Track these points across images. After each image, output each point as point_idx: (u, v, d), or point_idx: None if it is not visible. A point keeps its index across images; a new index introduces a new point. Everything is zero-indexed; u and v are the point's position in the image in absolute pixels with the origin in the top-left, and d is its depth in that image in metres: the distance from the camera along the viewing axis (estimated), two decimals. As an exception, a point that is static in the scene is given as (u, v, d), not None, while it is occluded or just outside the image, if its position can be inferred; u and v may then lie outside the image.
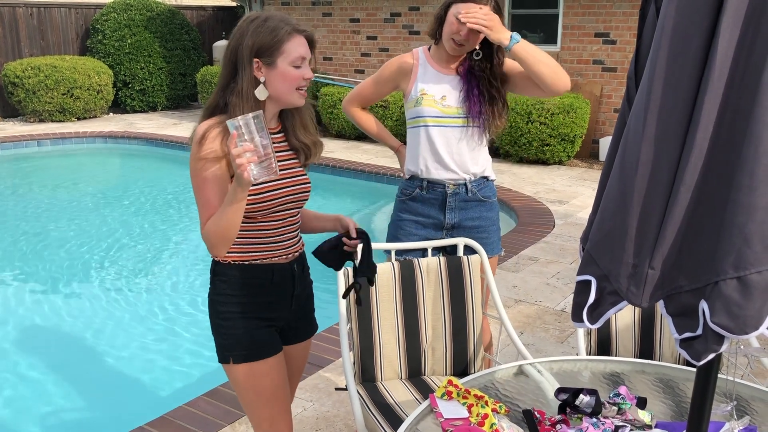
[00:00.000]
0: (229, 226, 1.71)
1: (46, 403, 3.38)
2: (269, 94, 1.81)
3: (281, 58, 1.77)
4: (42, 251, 5.60)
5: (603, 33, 8.67)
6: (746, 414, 1.70)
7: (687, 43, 0.98)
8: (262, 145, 1.59)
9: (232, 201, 1.67)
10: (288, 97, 1.82)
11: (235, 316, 1.87)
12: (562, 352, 3.60)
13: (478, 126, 2.46)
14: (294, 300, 1.98)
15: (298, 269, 1.98)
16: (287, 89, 1.80)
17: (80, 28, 12.34)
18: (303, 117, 1.94)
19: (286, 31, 1.77)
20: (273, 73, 1.78)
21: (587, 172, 8.06)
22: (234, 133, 1.58)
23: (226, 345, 1.88)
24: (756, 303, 0.95)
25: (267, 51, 1.77)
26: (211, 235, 1.74)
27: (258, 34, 1.76)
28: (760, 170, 0.93)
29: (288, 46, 1.77)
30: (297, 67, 1.79)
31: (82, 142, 9.93)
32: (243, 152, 1.57)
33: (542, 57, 2.33)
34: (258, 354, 1.87)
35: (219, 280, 1.89)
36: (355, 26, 10.93)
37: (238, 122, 1.57)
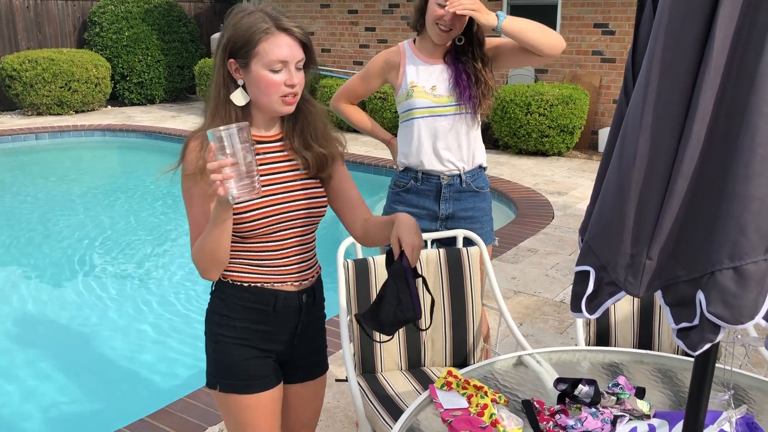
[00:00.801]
0: (215, 248, 1.53)
1: (46, 395, 3.39)
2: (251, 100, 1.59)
3: (255, 60, 1.53)
4: (41, 245, 5.61)
5: (602, 24, 8.65)
6: (744, 403, 1.71)
7: (684, 34, 0.98)
8: (245, 160, 1.40)
9: (215, 221, 1.50)
10: (268, 105, 1.58)
11: (229, 341, 1.69)
12: (562, 342, 3.61)
13: (470, 111, 2.47)
14: (297, 337, 1.77)
15: (308, 300, 1.75)
16: (265, 96, 1.56)
17: (77, 20, 12.30)
18: (310, 123, 1.68)
19: (263, 28, 1.52)
20: (249, 77, 1.56)
21: (586, 163, 8.06)
22: (212, 145, 1.39)
23: (214, 371, 1.71)
24: (751, 293, 0.96)
25: (241, 50, 1.54)
26: (198, 258, 1.57)
27: (234, 30, 1.54)
28: (755, 160, 0.93)
29: (263, 47, 1.52)
30: (275, 71, 1.54)
31: (81, 136, 9.92)
32: (219, 167, 1.37)
33: (531, 26, 2.33)
34: (247, 387, 1.69)
35: (217, 297, 1.71)
36: (354, 17, 10.91)
37: (219, 133, 1.39)
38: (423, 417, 1.66)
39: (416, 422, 1.63)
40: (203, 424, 2.84)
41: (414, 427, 1.62)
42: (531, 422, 1.61)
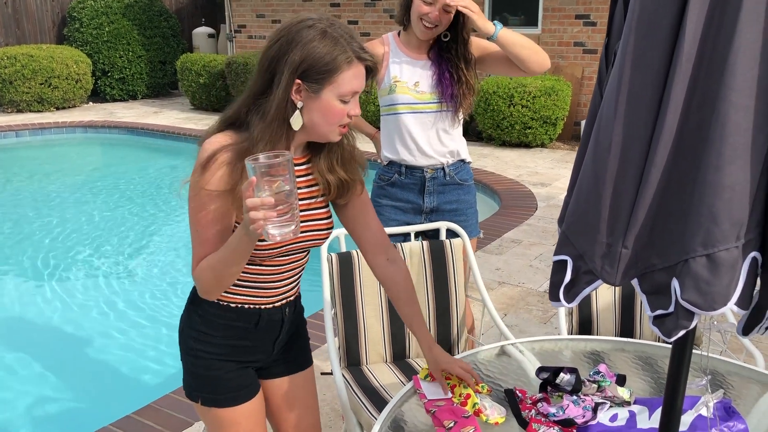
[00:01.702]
0: (227, 275, 1.45)
1: (31, 394, 3.38)
2: (304, 123, 1.47)
3: (329, 88, 1.43)
4: (24, 242, 5.56)
5: (583, 15, 8.69)
6: (721, 388, 1.74)
7: (656, 25, 0.99)
8: (285, 196, 1.28)
9: (235, 248, 1.39)
10: (324, 132, 1.49)
11: (207, 356, 1.62)
12: (545, 332, 3.64)
13: (452, 109, 2.48)
14: (277, 343, 1.73)
15: (290, 312, 1.72)
16: (327, 124, 1.47)
17: (56, 16, 12.18)
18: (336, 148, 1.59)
19: (347, 59, 1.42)
20: (314, 102, 1.44)
21: (569, 154, 8.11)
22: (253, 179, 1.26)
23: (194, 385, 1.65)
24: (724, 279, 0.98)
25: (315, 75, 1.42)
26: (204, 279, 1.48)
27: (310, 50, 1.40)
28: (726, 150, 0.95)
29: (342, 77, 1.43)
30: (345, 101, 1.46)
31: (62, 132, 9.84)
32: (260, 205, 1.26)
33: (524, 41, 2.36)
34: (231, 400, 1.64)
35: (196, 313, 1.63)
36: (336, 11, 10.87)
37: (260, 167, 1.26)
38: (407, 408, 1.67)
39: (400, 413, 1.65)
40: (189, 420, 2.84)
41: (398, 417, 1.63)
42: (513, 411, 1.63)
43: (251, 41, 12.03)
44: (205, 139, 1.50)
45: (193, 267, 1.51)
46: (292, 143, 1.53)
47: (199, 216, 1.46)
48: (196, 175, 1.45)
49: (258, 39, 11.93)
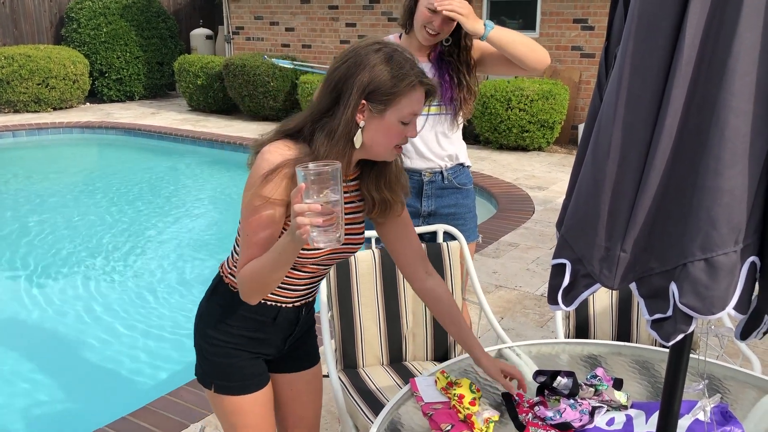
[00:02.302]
0: (271, 280, 1.51)
1: (27, 394, 3.37)
2: (363, 142, 1.52)
3: (392, 110, 1.49)
4: (20, 243, 5.55)
5: (581, 19, 8.71)
6: (718, 392, 1.74)
7: (655, 30, 0.99)
8: (332, 205, 1.33)
9: (280, 255, 1.45)
10: (381, 152, 1.55)
11: (223, 345, 1.69)
12: (542, 336, 3.64)
13: (451, 113, 2.48)
14: (289, 340, 1.79)
15: (305, 312, 1.78)
16: (385, 144, 1.53)
17: (54, 16, 12.16)
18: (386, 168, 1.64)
19: (411, 82, 1.48)
20: (376, 123, 1.50)
21: (566, 158, 8.12)
22: (302, 185, 1.31)
23: (208, 371, 1.72)
24: (722, 284, 0.98)
25: (380, 97, 1.47)
26: (247, 283, 1.53)
27: (378, 73, 1.47)
28: (725, 154, 0.95)
29: (405, 100, 1.49)
30: (405, 123, 1.51)
31: (59, 133, 9.81)
32: (307, 211, 1.31)
33: (518, 38, 2.33)
34: (242, 388, 1.71)
35: (216, 302, 1.70)
36: (334, 13, 10.88)
37: (310, 174, 1.30)
38: (404, 411, 1.67)
39: (397, 416, 1.65)
40: (185, 422, 2.83)
41: (395, 420, 1.63)
42: (510, 414, 1.63)
43: (249, 43, 12.03)
44: (261, 146, 1.54)
45: (238, 269, 1.56)
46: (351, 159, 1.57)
47: (251, 220, 1.51)
48: (257, 182, 1.48)
49: (256, 41, 11.93)
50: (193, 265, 5.13)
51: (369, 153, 1.56)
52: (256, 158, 1.52)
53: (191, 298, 4.51)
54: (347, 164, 1.54)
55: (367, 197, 1.65)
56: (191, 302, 4.43)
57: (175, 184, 7.62)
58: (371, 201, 1.65)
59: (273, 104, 10.10)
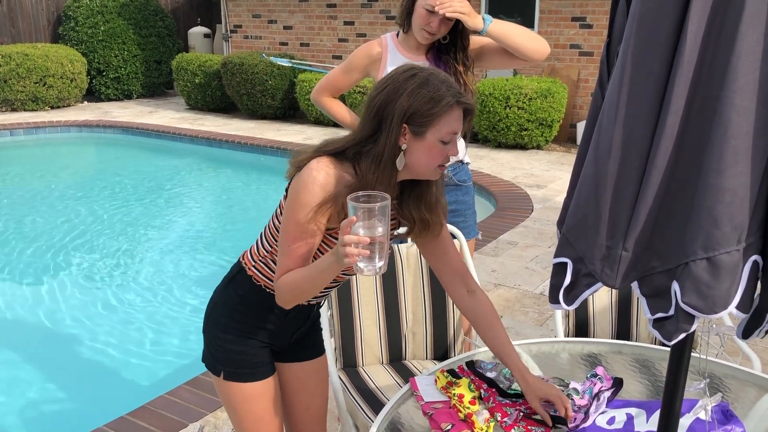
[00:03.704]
0: (310, 292, 1.58)
1: (25, 394, 3.36)
2: (405, 163, 1.57)
3: (432, 131, 1.52)
4: (18, 242, 5.54)
5: (579, 17, 8.70)
6: (719, 391, 1.74)
7: (657, 28, 0.99)
8: (380, 237, 1.39)
9: (322, 271, 1.51)
10: (424, 172, 1.58)
11: (235, 332, 1.75)
12: (541, 334, 3.64)
13: None
14: (296, 334, 1.85)
15: (315, 311, 1.87)
16: (427, 164, 1.56)
17: (52, 15, 12.14)
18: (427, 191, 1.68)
19: (448, 102, 1.52)
20: (418, 144, 1.54)
21: (565, 156, 8.12)
22: (353, 218, 1.37)
23: (219, 358, 1.77)
24: (724, 283, 0.98)
25: (420, 119, 1.52)
26: (286, 291, 1.60)
27: (416, 97, 1.51)
28: (728, 153, 0.95)
29: (444, 120, 1.52)
30: (445, 142, 1.55)
31: (57, 132, 9.80)
32: (357, 242, 1.37)
33: (516, 30, 2.33)
34: (251, 375, 1.76)
35: (234, 290, 1.76)
36: (332, 11, 10.87)
37: (361, 208, 1.37)
38: (404, 410, 1.67)
39: (397, 415, 1.64)
40: (184, 421, 2.82)
41: (395, 420, 1.62)
42: None
43: (247, 41, 12.01)
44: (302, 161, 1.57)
45: (276, 276, 1.62)
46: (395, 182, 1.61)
47: (295, 233, 1.57)
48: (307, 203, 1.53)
49: (253, 39, 11.92)
50: (192, 263, 5.12)
51: (412, 173, 1.59)
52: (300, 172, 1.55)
53: (190, 296, 4.51)
54: (394, 188, 1.59)
55: (408, 217, 1.69)
56: (190, 300, 4.43)
57: (173, 183, 7.61)
58: (411, 221, 1.69)
59: (271, 103, 10.09)
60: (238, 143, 8.76)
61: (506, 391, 1.69)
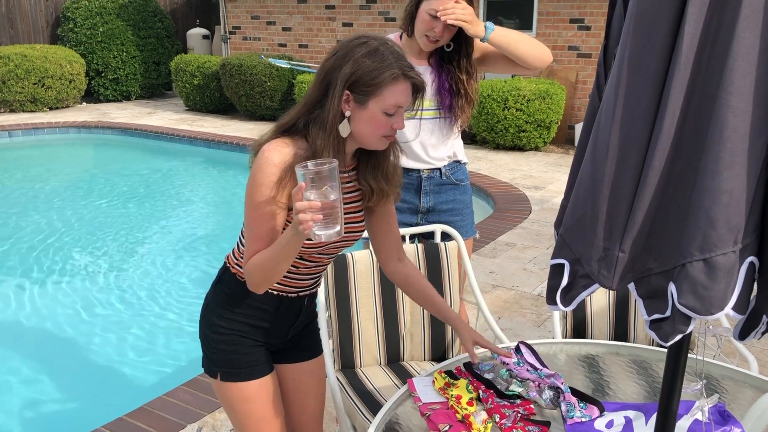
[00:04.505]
0: (276, 270, 1.57)
1: (23, 395, 3.36)
2: (351, 132, 1.59)
3: (374, 101, 1.54)
4: (16, 243, 5.53)
5: (578, 19, 8.71)
6: (716, 392, 1.74)
7: (654, 30, 0.99)
8: (332, 201, 1.40)
9: (284, 246, 1.52)
10: (369, 142, 1.60)
11: (228, 333, 1.74)
12: (539, 335, 3.64)
13: (450, 118, 2.46)
14: (291, 330, 1.85)
15: (308, 303, 1.85)
16: (371, 135, 1.58)
17: (50, 16, 12.13)
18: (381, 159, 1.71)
19: (393, 74, 1.53)
20: (361, 113, 1.56)
21: (563, 157, 8.13)
22: (302, 184, 1.39)
23: (215, 360, 1.76)
24: (721, 284, 0.98)
25: (362, 87, 1.54)
26: (254, 274, 1.60)
27: (359, 65, 1.53)
28: (724, 154, 0.95)
29: (387, 91, 1.54)
30: (389, 114, 1.56)
31: (55, 133, 9.79)
32: (308, 208, 1.39)
33: (519, 37, 2.32)
34: (248, 375, 1.75)
35: (222, 290, 1.76)
36: (331, 13, 10.87)
37: (310, 173, 1.38)
38: (402, 411, 1.67)
39: (395, 416, 1.64)
40: (182, 422, 2.82)
41: (393, 421, 1.63)
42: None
43: (246, 42, 12.01)
44: (260, 146, 1.60)
45: (244, 262, 1.63)
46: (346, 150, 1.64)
47: (255, 215, 1.58)
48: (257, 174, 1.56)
49: (252, 40, 11.92)
50: (190, 264, 5.12)
51: (359, 142, 1.62)
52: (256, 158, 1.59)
53: (188, 297, 4.50)
54: (343, 154, 1.60)
55: (365, 186, 1.71)
56: (188, 301, 4.42)
57: (171, 184, 7.61)
58: (369, 190, 1.72)
59: (270, 104, 10.09)
60: (237, 144, 8.75)
61: (504, 393, 1.69)
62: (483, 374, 1.77)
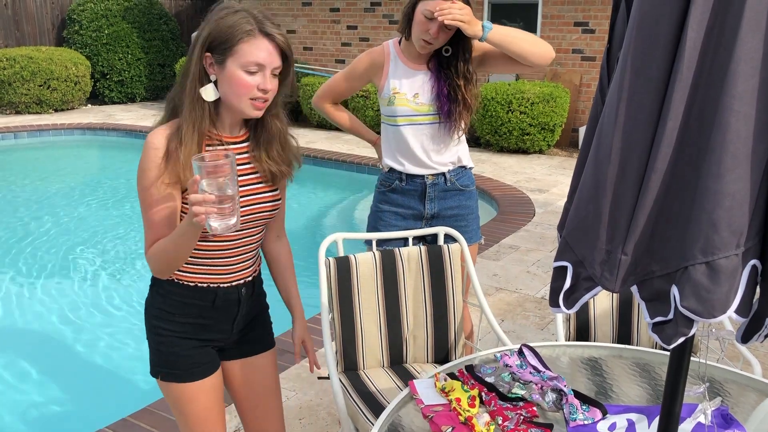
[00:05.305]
0: (176, 257, 1.57)
1: (28, 395, 3.37)
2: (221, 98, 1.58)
3: (231, 59, 1.52)
4: (20, 244, 5.55)
5: (582, 22, 8.71)
6: (719, 395, 1.74)
7: (657, 34, 1.00)
8: (228, 195, 1.40)
9: (182, 235, 1.51)
10: (237, 105, 1.57)
11: (168, 334, 1.73)
12: (543, 338, 3.64)
13: (449, 123, 2.45)
14: (236, 325, 1.82)
15: (247, 292, 1.81)
16: (236, 96, 1.55)
17: (56, 18, 12.18)
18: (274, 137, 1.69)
19: (246, 29, 1.51)
20: (222, 74, 1.54)
21: (567, 160, 8.12)
22: (197, 177, 1.38)
23: (156, 361, 1.76)
24: (723, 287, 0.98)
25: (219, 46, 1.53)
26: (156, 261, 1.60)
27: (215, 25, 1.53)
28: (727, 157, 0.95)
29: (242, 47, 1.51)
30: (251, 73, 1.53)
31: (60, 134, 9.82)
32: (202, 201, 1.38)
33: (518, 35, 2.29)
34: (189, 376, 1.74)
35: (157, 292, 1.74)
36: (335, 15, 10.89)
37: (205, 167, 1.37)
38: (404, 413, 1.67)
39: (398, 418, 1.65)
40: (186, 424, 2.83)
41: (395, 423, 1.63)
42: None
43: (250, 45, 12.02)
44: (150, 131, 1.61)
45: (145, 249, 1.62)
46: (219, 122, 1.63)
47: (147, 202, 1.58)
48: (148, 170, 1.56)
49: (257, 43, 11.93)
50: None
51: (229, 108, 1.59)
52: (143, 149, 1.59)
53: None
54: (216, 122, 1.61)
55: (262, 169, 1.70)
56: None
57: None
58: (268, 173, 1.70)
59: (274, 106, 10.10)
60: (241, 146, 8.76)
61: (506, 395, 1.69)
62: (484, 377, 1.77)
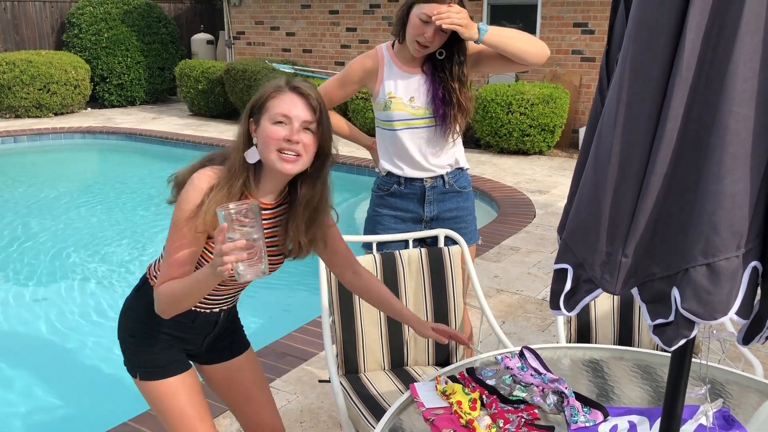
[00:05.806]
0: (185, 303, 1.64)
1: (29, 399, 3.36)
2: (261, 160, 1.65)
3: (264, 116, 1.62)
4: (20, 248, 5.55)
5: (581, 23, 8.71)
6: (720, 397, 1.73)
7: (656, 35, 0.99)
8: (254, 241, 1.43)
9: (199, 281, 1.57)
10: (268, 159, 1.62)
11: (142, 336, 1.82)
12: (544, 340, 3.64)
13: (444, 126, 2.44)
14: (207, 339, 1.92)
15: (224, 316, 1.91)
16: (266, 150, 1.61)
17: (56, 22, 12.18)
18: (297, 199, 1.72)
19: (276, 86, 1.64)
20: (260, 134, 1.63)
21: (567, 161, 8.12)
22: (223, 225, 1.42)
23: (132, 360, 1.84)
24: (724, 289, 0.98)
25: (256, 108, 1.65)
26: (164, 300, 1.66)
27: (256, 94, 1.67)
28: (727, 159, 0.95)
29: (272, 102, 1.62)
30: (278, 123, 1.60)
31: (60, 138, 9.82)
32: (232, 249, 1.42)
33: (513, 35, 2.29)
34: (163, 373, 1.82)
35: (141, 299, 1.83)
36: (335, 18, 10.90)
37: (231, 214, 1.41)
38: (405, 416, 1.67)
39: (399, 421, 1.64)
40: (186, 427, 2.82)
41: (396, 426, 1.62)
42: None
43: (250, 48, 12.04)
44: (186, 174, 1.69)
45: (158, 284, 1.67)
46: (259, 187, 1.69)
47: (176, 237, 1.65)
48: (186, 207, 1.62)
49: (256, 46, 11.95)
50: (194, 270, 5.12)
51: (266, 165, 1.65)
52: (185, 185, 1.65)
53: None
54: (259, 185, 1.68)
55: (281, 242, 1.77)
56: (192, 307, 4.43)
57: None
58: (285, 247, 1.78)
59: (274, 109, 10.09)
60: (241, 149, 8.75)
61: (508, 398, 1.69)
62: (485, 380, 1.77)
